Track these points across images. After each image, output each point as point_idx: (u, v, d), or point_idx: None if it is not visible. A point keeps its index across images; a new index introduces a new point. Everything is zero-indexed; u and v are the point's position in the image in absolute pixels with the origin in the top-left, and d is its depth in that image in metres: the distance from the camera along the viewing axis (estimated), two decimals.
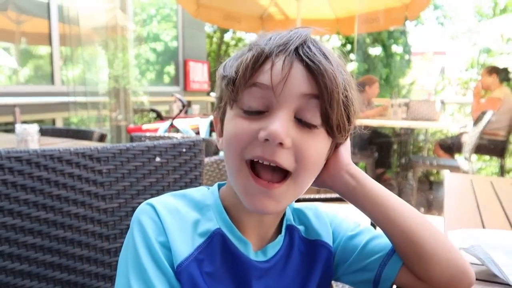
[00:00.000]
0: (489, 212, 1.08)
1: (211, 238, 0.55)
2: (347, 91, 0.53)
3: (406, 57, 8.68)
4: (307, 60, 0.50)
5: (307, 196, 1.45)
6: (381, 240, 0.62)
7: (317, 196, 1.47)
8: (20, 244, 0.76)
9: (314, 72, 0.50)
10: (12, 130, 2.62)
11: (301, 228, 0.64)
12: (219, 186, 0.61)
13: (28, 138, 1.73)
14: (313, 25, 0.55)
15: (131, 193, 0.89)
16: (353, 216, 0.69)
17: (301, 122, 0.51)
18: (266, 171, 0.51)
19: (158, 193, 0.93)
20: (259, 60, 0.51)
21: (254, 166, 0.52)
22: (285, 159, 0.50)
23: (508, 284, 0.62)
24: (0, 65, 3.88)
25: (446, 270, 0.55)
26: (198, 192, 0.60)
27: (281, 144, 0.49)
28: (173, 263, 0.52)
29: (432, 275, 0.56)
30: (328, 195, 1.44)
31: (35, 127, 1.78)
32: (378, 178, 4.32)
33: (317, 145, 0.52)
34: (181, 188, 0.96)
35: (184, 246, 0.53)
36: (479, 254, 0.66)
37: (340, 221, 0.67)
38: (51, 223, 0.79)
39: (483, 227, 0.96)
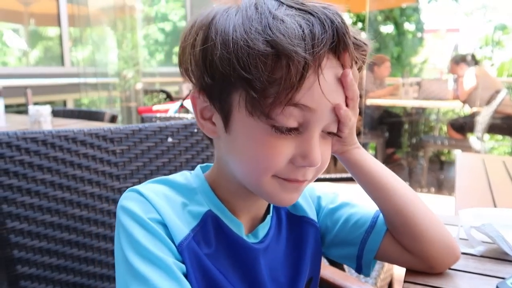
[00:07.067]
0: (501, 191, 1.08)
1: (204, 220, 0.53)
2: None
3: (419, 35, 8.50)
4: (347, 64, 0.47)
5: (326, 176, 1.46)
6: (362, 214, 0.63)
7: (337, 175, 1.47)
8: (39, 222, 0.78)
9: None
10: (24, 112, 2.65)
11: None
12: (202, 169, 0.59)
13: (41, 119, 1.76)
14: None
15: (145, 173, 0.91)
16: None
17: (327, 133, 0.50)
18: None
19: (171, 173, 0.94)
20: (303, 77, 0.43)
21: None
22: (310, 174, 0.51)
23: None
24: (10, 47, 3.89)
25: (436, 245, 0.58)
26: (181, 177, 0.57)
27: None
28: (174, 241, 0.49)
29: (422, 249, 0.58)
30: (333, 175, 1.44)
31: (47, 108, 1.80)
32: (389, 158, 4.30)
33: (330, 146, 0.53)
34: (193, 168, 0.97)
35: (181, 225, 0.51)
36: (490, 233, 0.66)
37: (320, 193, 0.68)
38: (67, 202, 0.81)
39: (495, 206, 0.96)
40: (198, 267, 0.51)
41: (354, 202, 0.66)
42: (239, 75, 0.44)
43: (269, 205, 0.60)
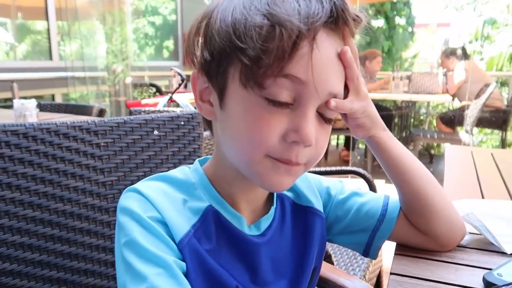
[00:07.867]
0: (489, 183, 1.08)
1: (205, 215, 0.52)
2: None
3: (409, 29, 8.53)
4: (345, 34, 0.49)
5: (316, 169, 1.45)
6: (373, 203, 0.65)
7: (327, 169, 1.44)
8: (20, 217, 0.76)
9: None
10: (11, 106, 2.60)
11: (290, 194, 0.63)
12: (200, 162, 0.58)
13: (27, 113, 1.73)
14: None
15: (130, 166, 0.89)
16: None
17: (320, 116, 0.49)
18: None
19: (157, 166, 0.93)
20: (296, 46, 0.43)
21: None
22: (304, 156, 0.49)
23: (503, 253, 0.63)
24: None
25: (447, 225, 0.62)
26: (180, 172, 0.56)
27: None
28: (174, 239, 0.49)
29: (434, 228, 0.61)
30: (338, 168, 1.41)
31: (33, 102, 1.77)
32: None
33: (328, 136, 0.52)
34: (179, 161, 0.96)
35: (182, 222, 0.50)
36: (474, 222, 0.66)
37: (328, 184, 0.68)
38: (50, 196, 0.79)
39: (483, 197, 0.96)
40: (199, 264, 0.50)
41: (362, 190, 0.67)
42: (234, 45, 0.45)
43: (272, 197, 0.60)
